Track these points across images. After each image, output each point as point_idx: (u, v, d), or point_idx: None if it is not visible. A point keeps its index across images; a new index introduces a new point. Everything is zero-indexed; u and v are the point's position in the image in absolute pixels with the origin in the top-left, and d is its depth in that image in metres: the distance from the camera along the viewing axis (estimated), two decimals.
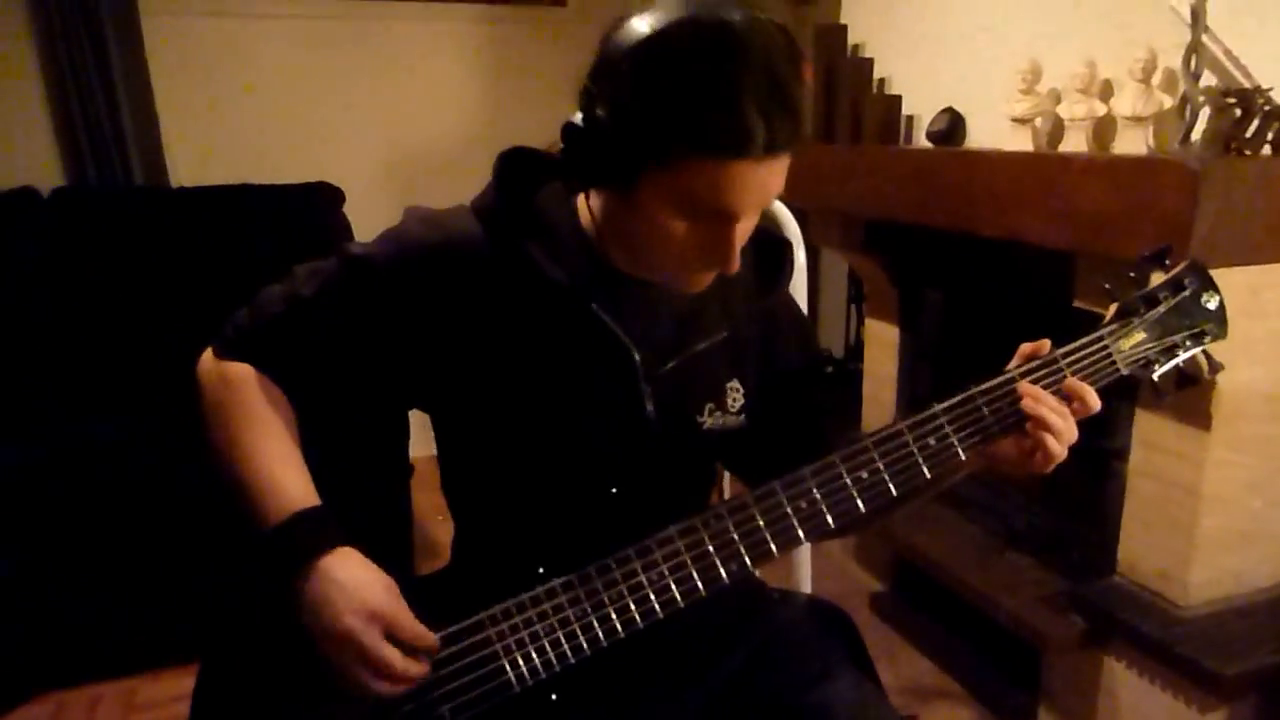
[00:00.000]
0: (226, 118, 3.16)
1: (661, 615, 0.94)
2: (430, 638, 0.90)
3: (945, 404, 0.98)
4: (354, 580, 0.89)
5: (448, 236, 0.99)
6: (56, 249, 2.65)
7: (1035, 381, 0.98)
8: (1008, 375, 0.99)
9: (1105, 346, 1.01)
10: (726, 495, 1.48)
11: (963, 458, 0.98)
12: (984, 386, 0.98)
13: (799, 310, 1.19)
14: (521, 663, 0.93)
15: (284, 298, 1.01)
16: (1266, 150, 1.42)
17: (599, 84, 0.86)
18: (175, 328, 2.64)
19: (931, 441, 0.97)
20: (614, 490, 1.01)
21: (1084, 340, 1.01)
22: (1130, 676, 1.72)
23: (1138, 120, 1.49)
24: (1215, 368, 1.06)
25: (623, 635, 0.94)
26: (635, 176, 0.86)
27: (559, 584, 0.94)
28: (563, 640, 0.93)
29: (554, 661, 0.93)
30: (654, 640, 0.95)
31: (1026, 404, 0.96)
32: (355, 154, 3.30)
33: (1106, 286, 1.06)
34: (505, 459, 1.01)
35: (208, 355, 1.03)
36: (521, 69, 3.50)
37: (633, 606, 0.94)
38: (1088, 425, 0.99)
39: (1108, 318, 1.04)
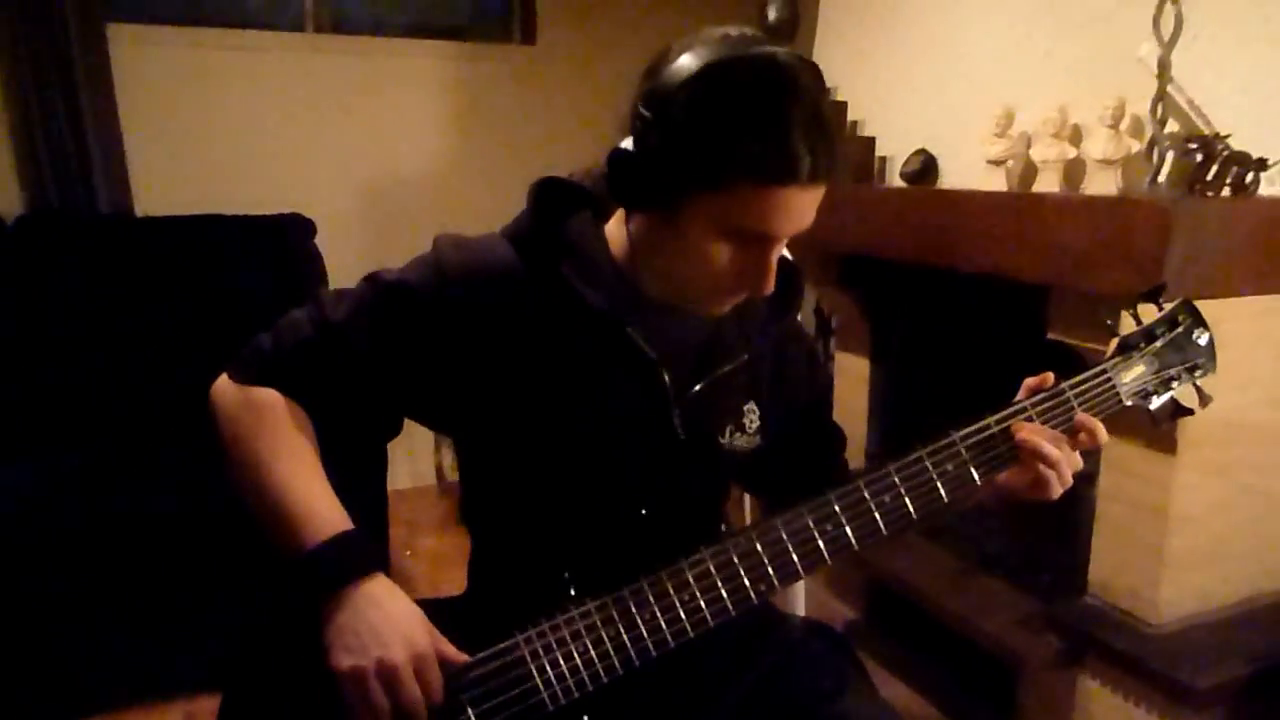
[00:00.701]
0: (194, 147, 3.14)
1: (692, 635, 0.96)
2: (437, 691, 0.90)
3: (963, 431, 1.03)
4: (397, 612, 0.90)
5: (484, 262, 1.01)
6: (20, 276, 2.60)
7: (1044, 412, 1.04)
8: (1019, 405, 1.05)
9: (1109, 379, 1.08)
10: (748, 517, 1.51)
11: (978, 484, 1.03)
12: (998, 416, 1.04)
13: (806, 335, 1.23)
14: (555, 682, 0.94)
15: (313, 322, 1.02)
16: (1226, 191, 1.52)
17: (653, 110, 0.89)
18: (142, 358, 2.61)
19: (950, 468, 1.02)
20: (643, 511, 1.03)
21: (1090, 373, 1.07)
22: (1104, 694, 1.78)
23: (1108, 163, 1.59)
24: (1205, 400, 1.14)
25: (655, 655, 0.96)
26: (683, 199, 0.90)
27: (593, 604, 0.96)
28: (596, 660, 0.95)
29: (587, 681, 0.95)
30: (674, 660, 0.97)
31: (1021, 438, 1.01)
32: (326, 186, 3.30)
33: (1109, 322, 1.13)
34: (537, 480, 1.04)
35: (224, 381, 1.03)
36: (491, 106, 3.54)
37: (664, 626, 0.96)
38: None
39: (1109, 352, 1.11)
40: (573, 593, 0.97)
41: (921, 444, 1.02)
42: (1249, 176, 1.52)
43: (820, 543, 0.98)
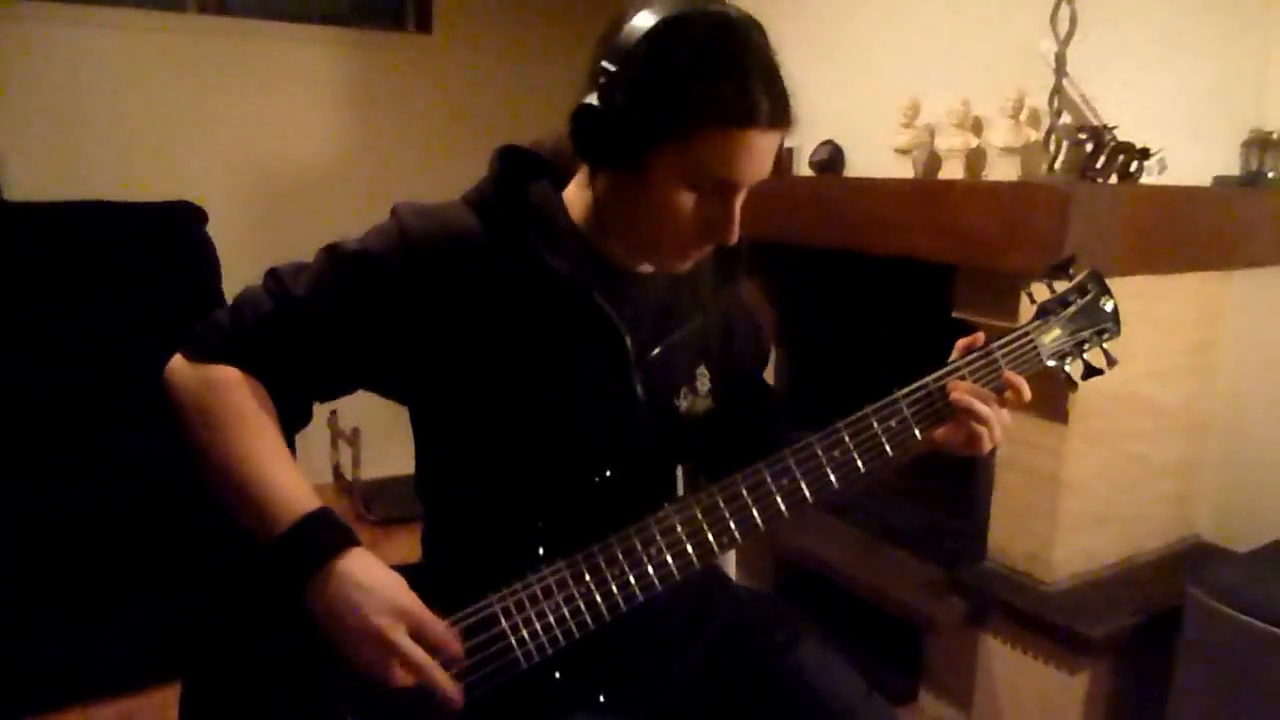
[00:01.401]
0: (71, 130, 2.95)
1: (659, 588, 0.99)
2: (451, 636, 0.91)
3: (904, 390, 1.09)
4: (377, 581, 0.90)
5: (447, 229, 1.01)
6: None
7: (975, 370, 1.11)
8: (953, 365, 1.12)
9: (1031, 340, 1.16)
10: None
11: (919, 438, 1.09)
12: (935, 376, 1.10)
13: (751, 302, 1.27)
14: (529, 640, 0.96)
15: (272, 297, 0.99)
16: (1114, 179, 1.66)
17: (616, 65, 0.91)
18: (26, 350, 2.44)
19: (893, 424, 1.07)
20: (608, 473, 1.05)
21: (1014, 334, 1.15)
22: (1005, 650, 1.90)
23: (1010, 151, 1.71)
24: (1112, 361, 1.24)
25: (624, 609, 0.98)
26: (649, 152, 0.92)
27: (563, 562, 0.98)
28: (568, 617, 0.97)
29: (560, 638, 0.96)
30: (637, 622, 1.00)
31: (954, 398, 1.08)
32: (215, 173, 3.16)
33: (1027, 292, 1.22)
34: (501, 445, 1.04)
35: (180, 362, 0.99)
36: (386, 94, 3.47)
37: (633, 581, 0.98)
38: None
39: (1030, 316, 1.20)
40: (541, 552, 0.98)
41: (869, 404, 1.08)
42: (1133, 165, 1.66)
43: (778, 497, 1.03)
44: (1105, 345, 1.24)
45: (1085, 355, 1.22)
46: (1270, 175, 1.97)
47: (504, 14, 3.62)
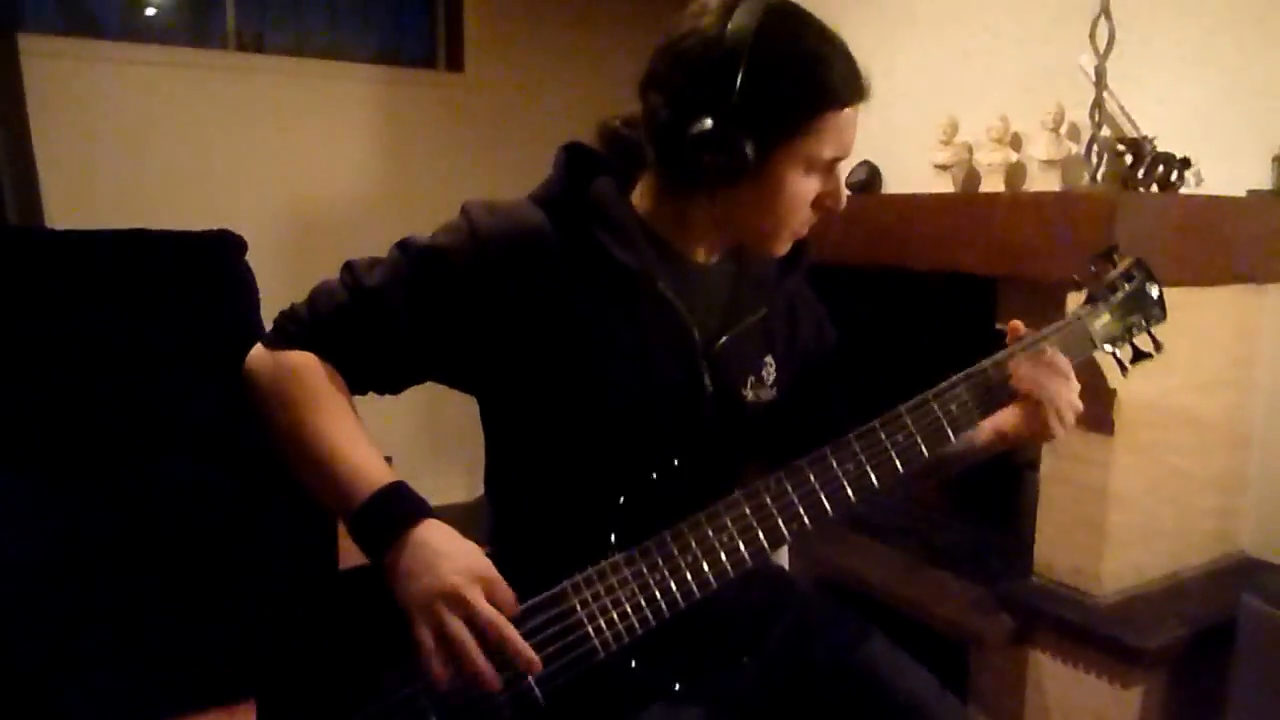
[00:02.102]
0: (114, 162, 3.03)
1: (732, 575, 1.00)
2: (514, 607, 0.92)
3: (963, 374, 1.11)
4: (454, 547, 0.91)
5: (518, 225, 1.03)
6: None
7: (1029, 355, 1.12)
8: (1009, 350, 1.13)
9: (1084, 324, 1.18)
10: None
11: (979, 420, 1.11)
12: (991, 360, 1.12)
13: (815, 297, 1.29)
14: (605, 628, 0.96)
15: (348, 289, 1.02)
16: (1154, 189, 1.68)
17: (718, 86, 0.94)
18: (65, 376, 2.48)
19: (953, 408, 1.09)
20: (675, 462, 1.06)
21: (1067, 319, 1.18)
22: (1055, 666, 1.88)
23: (1051, 164, 1.74)
24: (1159, 346, 1.25)
25: (698, 596, 0.99)
26: (772, 152, 0.97)
27: (637, 550, 0.99)
28: (644, 604, 0.97)
29: (636, 626, 0.97)
30: (708, 613, 1.01)
31: (1019, 374, 1.10)
32: (252, 204, 3.23)
33: (1075, 278, 1.24)
34: (572, 436, 1.05)
35: (259, 350, 1.03)
36: (419, 131, 3.54)
37: (706, 567, 0.99)
38: None
39: (1082, 302, 1.22)
40: (613, 540, 0.99)
41: (930, 389, 1.10)
42: (1174, 175, 1.68)
43: (844, 482, 1.03)
44: (1153, 330, 1.26)
45: (1134, 340, 1.24)
46: None
47: (534, 54, 3.70)
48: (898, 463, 1.06)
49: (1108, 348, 1.21)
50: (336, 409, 0.99)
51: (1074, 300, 1.21)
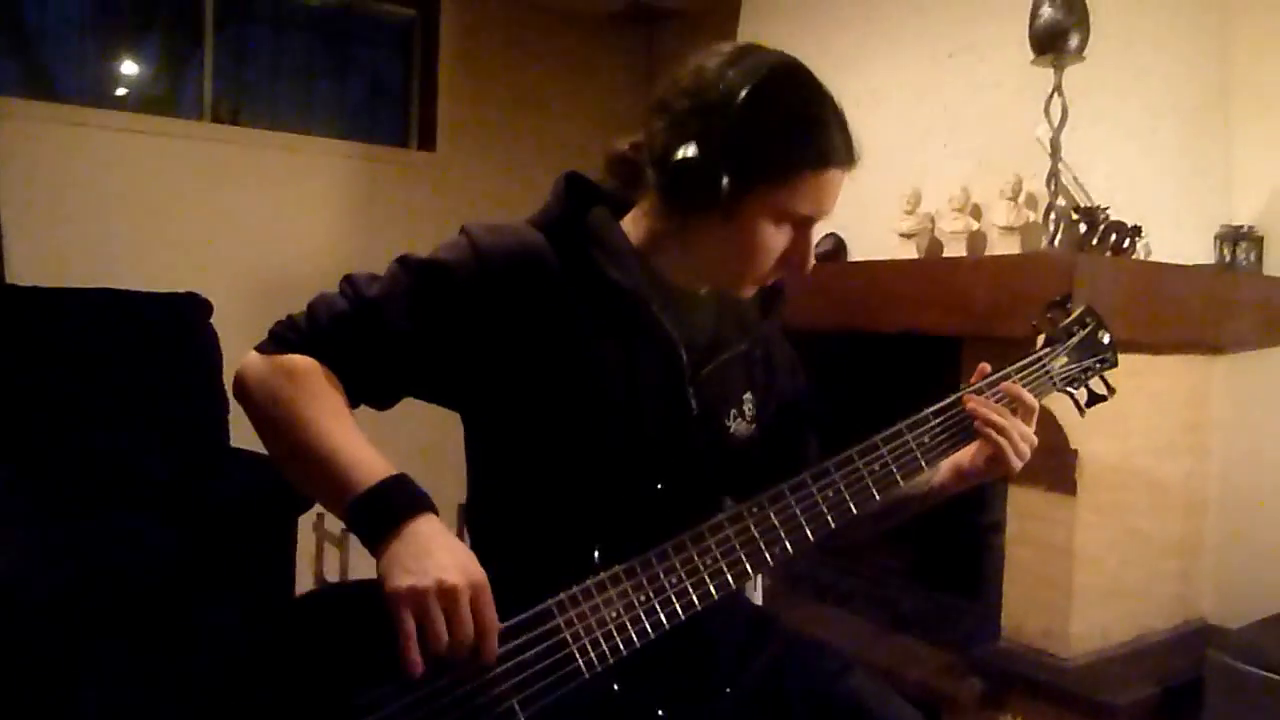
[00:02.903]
0: (82, 224, 3.01)
1: (716, 597, 0.99)
2: (496, 624, 0.90)
3: (932, 408, 1.14)
4: (453, 545, 0.90)
5: (519, 244, 1.05)
6: None
7: (993, 393, 1.16)
8: (974, 386, 1.17)
9: (1045, 365, 1.22)
10: None
11: (947, 452, 1.13)
12: (957, 395, 1.15)
13: (788, 343, 1.32)
14: (590, 648, 0.94)
15: (348, 299, 1.03)
16: (1108, 254, 1.77)
17: (714, 118, 0.98)
18: (25, 429, 2.41)
19: (926, 439, 1.11)
20: (659, 486, 1.07)
21: (1027, 360, 1.21)
22: None
23: (1010, 230, 1.82)
24: (1111, 390, 1.30)
25: (683, 618, 0.98)
26: (746, 194, 0.99)
27: (621, 569, 0.98)
28: (628, 625, 0.96)
29: (621, 646, 0.95)
30: (689, 645, 1.01)
31: (970, 408, 1.12)
32: (221, 271, 3.21)
33: (1033, 323, 1.29)
34: (558, 455, 1.05)
35: (254, 356, 1.03)
36: (390, 207, 3.57)
37: (690, 589, 0.98)
38: (965, 505, 1.15)
39: (1038, 345, 1.26)
40: (596, 556, 0.98)
41: (901, 419, 1.12)
42: (1126, 242, 1.77)
43: (824, 508, 1.04)
44: (1104, 375, 1.31)
45: (1089, 384, 1.29)
46: (1242, 265, 2.10)
47: (505, 134, 3.79)
48: (873, 489, 1.07)
49: (1068, 389, 1.25)
50: (337, 405, 0.99)
51: (1042, 326, 1.26)
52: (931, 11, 2.11)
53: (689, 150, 0.99)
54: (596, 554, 0.99)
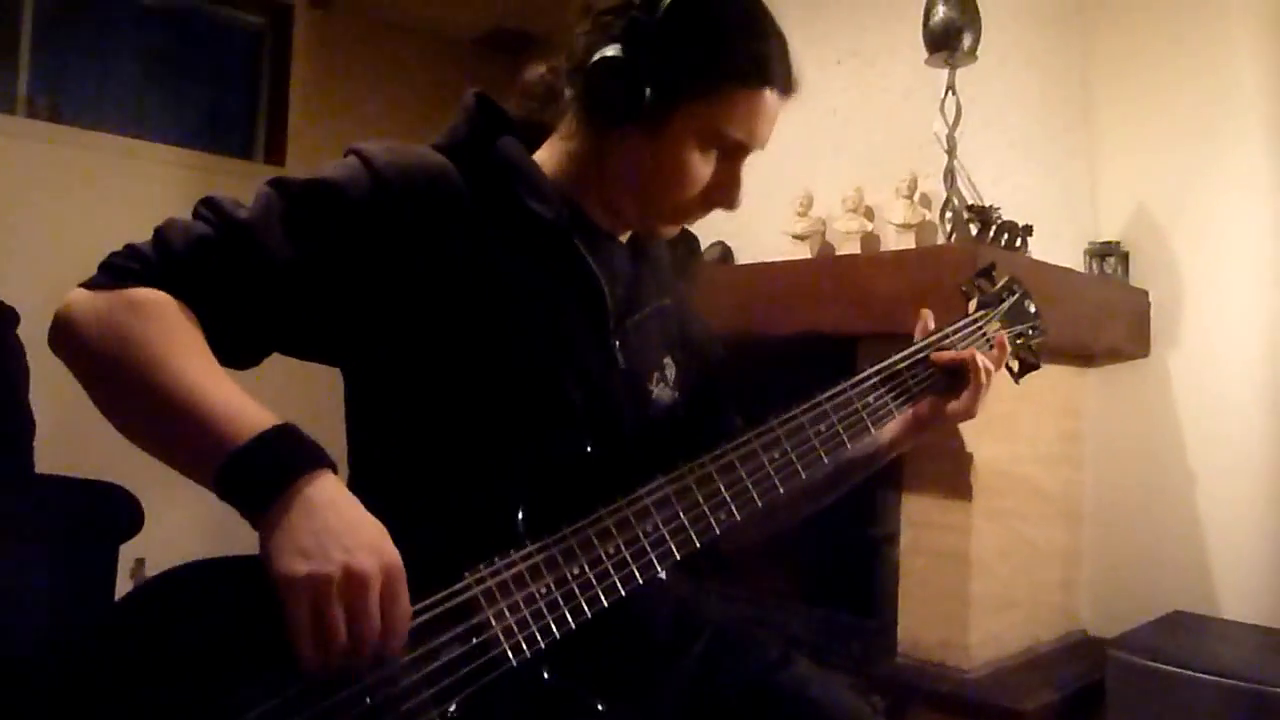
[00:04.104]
0: None
1: (659, 569, 0.86)
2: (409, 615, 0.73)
3: (874, 369, 1.07)
4: (358, 516, 0.72)
5: (420, 164, 0.90)
6: None
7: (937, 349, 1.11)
8: (915, 348, 1.11)
9: (980, 327, 1.18)
10: None
11: (894, 415, 1.06)
12: (900, 355, 1.08)
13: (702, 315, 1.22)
14: (517, 629, 0.79)
15: (210, 222, 0.83)
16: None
17: (648, 15, 0.88)
18: None
19: (870, 399, 1.04)
20: (588, 449, 0.92)
21: (963, 322, 1.17)
22: None
23: (907, 227, 1.80)
24: (1039, 361, 1.28)
25: (623, 593, 0.84)
26: (673, 107, 0.89)
27: (550, 539, 0.83)
28: (561, 602, 0.81)
29: (553, 627, 0.80)
30: (621, 625, 0.87)
31: (949, 356, 1.09)
32: (30, 277, 2.81)
33: (963, 289, 1.25)
34: (472, 404, 0.89)
35: (81, 293, 0.80)
36: None
37: (630, 560, 0.85)
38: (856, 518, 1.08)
39: (972, 309, 1.23)
40: (520, 517, 0.83)
41: (844, 379, 1.05)
42: (1018, 241, 1.79)
43: (770, 470, 0.94)
44: (1034, 344, 1.28)
45: (1020, 353, 1.26)
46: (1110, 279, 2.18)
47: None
48: (821, 452, 0.98)
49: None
50: (199, 344, 0.78)
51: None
52: (817, 21, 2.11)
53: (610, 50, 0.88)
54: (520, 515, 0.84)
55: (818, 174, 2.02)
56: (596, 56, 0.89)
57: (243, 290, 0.82)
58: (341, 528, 0.70)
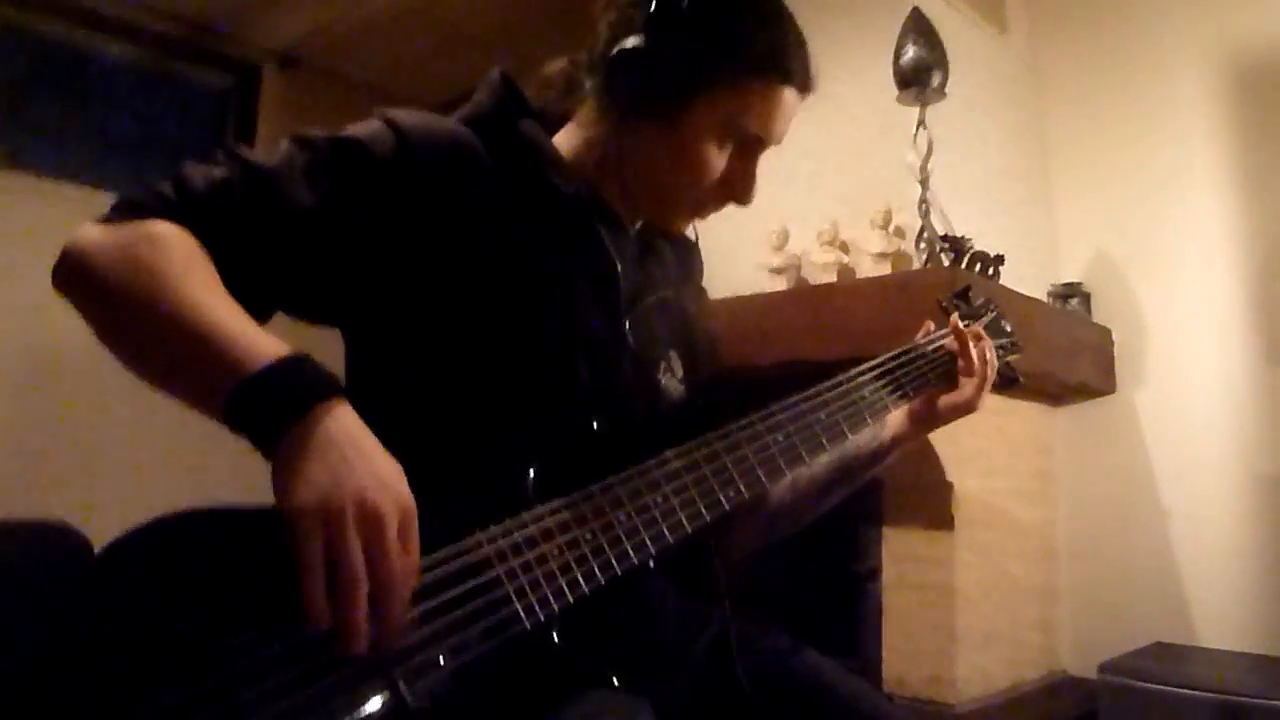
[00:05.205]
0: None
1: (670, 539, 0.84)
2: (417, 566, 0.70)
3: (868, 364, 1.08)
4: (374, 449, 0.69)
5: (446, 130, 0.91)
6: None
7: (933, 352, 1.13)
8: (908, 346, 1.13)
9: None
10: None
11: (889, 409, 1.06)
12: (889, 355, 1.10)
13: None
14: (530, 590, 0.76)
15: (231, 168, 0.82)
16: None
17: (662, 9, 0.90)
18: None
19: (866, 393, 1.06)
20: (595, 426, 0.90)
21: (943, 333, 1.19)
22: None
23: (884, 256, 1.84)
24: (1021, 374, 1.30)
25: (635, 561, 0.82)
26: (692, 98, 0.90)
27: (561, 502, 0.81)
28: (573, 565, 0.79)
29: (566, 590, 0.77)
30: (632, 611, 0.87)
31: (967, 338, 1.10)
32: None
33: (943, 304, 1.27)
34: (484, 368, 0.88)
35: (95, 227, 0.78)
36: None
37: (641, 528, 0.83)
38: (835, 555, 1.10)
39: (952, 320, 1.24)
40: (531, 475, 0.81)
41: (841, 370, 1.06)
42: (990, 271, 1.82)
43: (775, 452, 0.94)
44: (1010, 360, 1.30)
45: (1000, 369, 1.28)
46: None
47: None
48: (823, 439, 0.99)
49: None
50: (213, 278, 0.76)
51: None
52: None
53: (634, 40, 0.90)
54: (531, 473, 0.81)
55: (792, 212, 2.05)
56: (618, 47, 0.90)
57: (260, 235, 0.81)
58: (358, 461, 0.67)
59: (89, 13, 3.12)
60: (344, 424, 0.68)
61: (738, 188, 0.97)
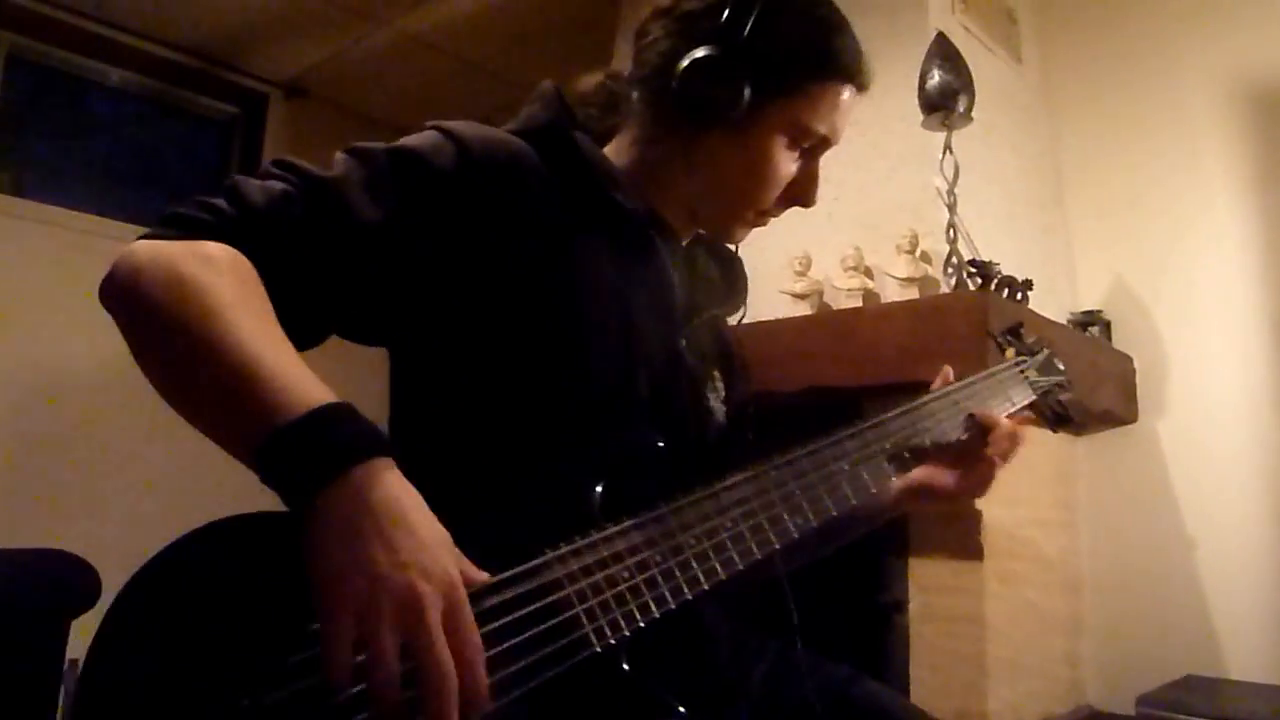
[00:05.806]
0: None
1: (739, 564, 0.82)
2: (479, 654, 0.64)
3: (932, 395, 1.07)
4: (425, 523, 0.64)
5: (504, 142, 0.89)
6: None
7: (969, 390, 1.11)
8: (973, 378, 1.11)
9: (1024, 373, 1.18)
10: None
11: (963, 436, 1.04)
12: (934, 395, 1.08)
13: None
14: (601, 614, 0.73)
15: (288, 181, 0.80)
16: None
17: (728, 19, 0.89)
18: None
19: (927, 424, 1.04)
20: (660, 444, 0.88)
21: (1005, 366, 1.18)
22: None
23: (910, 281, 1.82)
24: (1076, 414, 1.28)
25: (705, 586, 0.79)
26: (764, 106, 0.90)
27: (630, 523, 0.78)
28: (644, 589, 0.76)
29: (636, 614, 0.75)
30: (692, 640, 0.84)
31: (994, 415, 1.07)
32: None
33: (998, 340, 1.26)
34: (538, 394, 0.86)
35: (144, 244, 0.74)
36: None
37: (711, 553, 0.81)
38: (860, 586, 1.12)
39: (1009, 359, 1.23)
40: (600, 490, 0.78)
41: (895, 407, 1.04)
42: (1018, 295, 1.82)
43: (842, 479, 0.92)
44: (1062, 399, 1.28)
45: (1052, 405, 1.26)
46: None
47: None
48: (887, 467, 0.97)
49: (1046, 401, 1.22)
50: (264, 310, 0.72)
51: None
52: None
53: (703, 52, 0.89)
54: (599, 490, 0.78)
55: (813, 238, 2.04)
56: (688, 60, 0.89)
57: (323, 250, 0.78)
58: (397, 537, 0.61)
59: (94, 40, 3.12)
60: (385, 490, 0.63)
61: (803, 190, 0.97)
